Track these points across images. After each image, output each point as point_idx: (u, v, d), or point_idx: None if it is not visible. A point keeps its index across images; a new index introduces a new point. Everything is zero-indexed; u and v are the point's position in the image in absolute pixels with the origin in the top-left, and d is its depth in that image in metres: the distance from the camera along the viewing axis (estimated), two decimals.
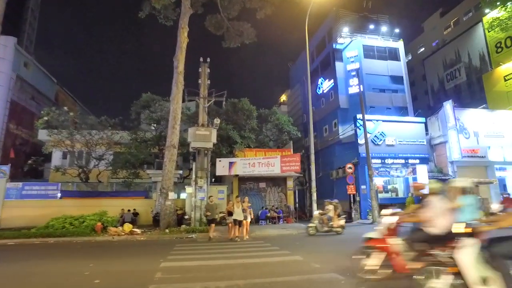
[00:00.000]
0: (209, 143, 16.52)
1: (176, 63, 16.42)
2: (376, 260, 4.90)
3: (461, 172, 23.04)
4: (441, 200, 4.63)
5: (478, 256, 3.31)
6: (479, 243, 3.42)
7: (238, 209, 12.01)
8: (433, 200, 4.65)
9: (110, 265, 7.10)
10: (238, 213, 11.97)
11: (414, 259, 4.51)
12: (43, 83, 31.95)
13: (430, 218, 4.60)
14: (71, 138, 19.04)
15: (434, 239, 4.49)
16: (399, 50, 27.51)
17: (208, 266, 6.79)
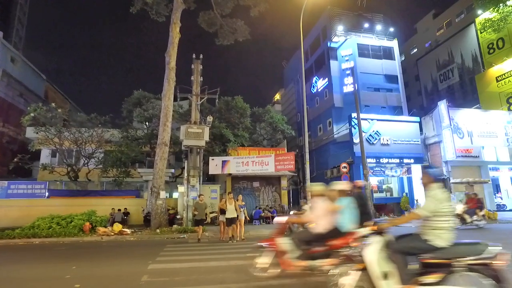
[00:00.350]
0: (202, 141, 16.17)
1: (168, 58, 16.01)
2: (266, 259, 5.24)
3: (455, 171, 23.02)
4: (324, 202, 5.08)
5: (382, 252, 3.47)
6: (382, 240, 3.57)
7: (230, 206, 11.09)
8: (317, 202, 5.12)
9: (95, 268, 6.70)
10: (231, 211, 11.01)
11: (300, 258, 4.86)
12: (32, 80, 31.16)
13: (313, 218, 5.06)
14: (59, 135, 18.44)
15: (317, 238, 4.89)
16: (393, 49, 27.44)
17: (199, 268, 6.45)
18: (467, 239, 3.47)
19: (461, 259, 3.13)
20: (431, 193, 3.43)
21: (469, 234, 11.31)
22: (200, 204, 11.65)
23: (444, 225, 3.30)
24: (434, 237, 3.30)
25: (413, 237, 3.49)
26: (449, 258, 3.18)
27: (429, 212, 3.36)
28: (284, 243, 5.08)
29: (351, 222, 5.08)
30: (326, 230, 4.91)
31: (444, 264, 3.18)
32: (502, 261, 3.05)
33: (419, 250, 3.35)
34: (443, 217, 3.31)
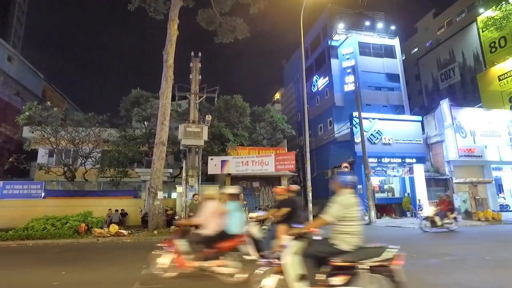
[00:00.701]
0: (200, 140, 15.86)
1: (165, 56, 15.69)
2: (166, 259, 5.43)
3: (458, 171, 22.74)
4: (214, 205, 5.38)
5: (296, 256, 3.58)
6: (298, 244, 3.68)
7: None
8: (208, 205, 5.39)
9: (85, 273, 6.36)
10: None
11: (195, 259, 5.15)
12: (29, 79, 30.85)
13: (202, 221, 5.33)
14: (55, 135, 18.11)
15: (206, 240, 5.17)
16: (395, 47, 27.12)
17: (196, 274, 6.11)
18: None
19: (364, 262, 3.29)
20: (337, 199, 3.56)
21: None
22: (195, 205, 10.68)
23: (349, 229, 3.45)
24: (340, 241, 3.44)
25: (322, 242, 3.63)
26: (354, 261, 3.31)
27: (334, 217, 3.48)
28: (181, 245, 5.35)
29: (238, 225, 5.45)
30: (214, 233, 5.22)
31: (350, 267, 3.32)
32: (398, 262, 3.28)
33: (327, 253, 3.46)
34: (349, 222, 3.45)
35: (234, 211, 5.51)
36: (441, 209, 13.16)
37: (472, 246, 8.74)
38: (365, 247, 3.45)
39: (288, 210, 6.01)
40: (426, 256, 7.09)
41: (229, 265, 5.13)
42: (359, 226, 3.51)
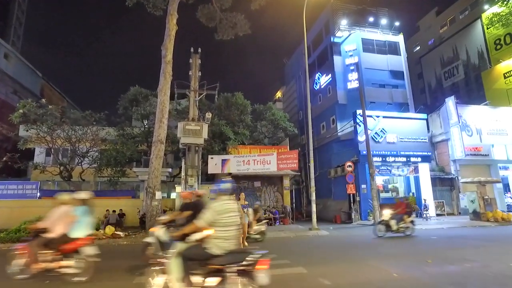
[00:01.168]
0: (200, 138, 15.37)
1: (164, 52, 15.16)
2: (20, 261, 5.63)
3: (464, 171, 22.23)
4: (63, 210, 5.75)
5: (179, 258, 3.75)
6: (181, 246, 3.89)
7: None
8: (58, 210, 5.79)
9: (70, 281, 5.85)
10: None
11: (42, 260, 5.51)
12: (27, 77, 30.38)
13: (49, 224, 5.65)
14: (51, 133, 17.59)
15: (50, 242, 5.52)
16: (399, 44, 26.54)
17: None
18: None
19: (232, 265, 3.48)
20: (212, 205, 3.71)
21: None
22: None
23: (222, 234, 3.61)
24: (212, 245, 3.60)
25: (197, 246, 3.79)
26: (224, 264, 3.50)
27: (206, 223, 3.65)
28: (32, 247, 5.62)
29: (83, 229, 5.83)
30: (58, 236, 5.58)
31: (220, 270, 3.52)
32: (261, 266, 3.45)
33: (200, 256, 3.65)
34: (222, 227, 3.61)
35: (82, 215, 5.86)
36: (397, 212, 12.09)
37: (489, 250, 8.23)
38: (234, 252, 3.62)
39: (190, 213, 6.28)
40: (442, 262, 6.57)
41: (72, 266, 5.59)
42: (233, 231, 3.67)
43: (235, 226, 3.73)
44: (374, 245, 10.00)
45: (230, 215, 3.68)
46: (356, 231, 15.22)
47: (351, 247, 9.64)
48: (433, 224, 16.14)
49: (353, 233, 14.59)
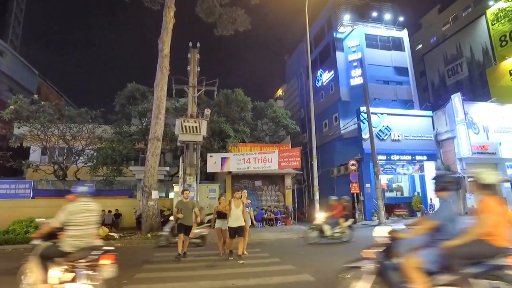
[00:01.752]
0: (199, 136, 14.80)
1: (161, 45, 14.60)
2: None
3: (470, 169, 21.57)
4: None
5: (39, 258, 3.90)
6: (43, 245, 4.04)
7: (237, 209, 7.79)
8: None
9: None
10: (237, 217, 7.73)
11: None
12: (23, 75, 29.79)
13: None
14: (44, 131, 16.98)
15: None
16: (403, 39, 25.91)
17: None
18: None
19: (81, 261, 3.74)
20: (66, 206, 3.96)
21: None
22: (185, 204, 8.22)
23: (74, 233, 3.84)
24: (64, 243, 3.82)
25: (53, 245, 3.96)
26: (74, 260, 3.74)
27: (59, 222, 3.89)
28: None
29: None
30: None
31: (73, 265, 3.74)
32: (105, 260, 3.74)
33: (53, 254, 3.84)
34: (73, 227, 3.85)
35: None
36: (333, 216, 10.86)
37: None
38: (85, 248, 3.82)
39: None
40: None
41: None
42: (86, 230, 3.89)
43: (90, 226, 3.96)
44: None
45: (85, 215, 3.93)
46: (361, 231, 14.58)
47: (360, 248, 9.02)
48: None
49: (358, 233, 13.94)
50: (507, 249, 2.98)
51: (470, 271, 2.98)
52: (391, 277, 3.23)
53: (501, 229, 3.02)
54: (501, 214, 3.07)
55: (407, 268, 3.16)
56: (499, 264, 2.97)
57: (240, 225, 7.68)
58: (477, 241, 3.01)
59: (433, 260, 3.13)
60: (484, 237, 3.02)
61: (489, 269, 3.01)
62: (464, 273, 2.98)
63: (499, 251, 2.98)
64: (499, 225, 3.02)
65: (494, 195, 3.17)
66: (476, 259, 3.03)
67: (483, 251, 3.03)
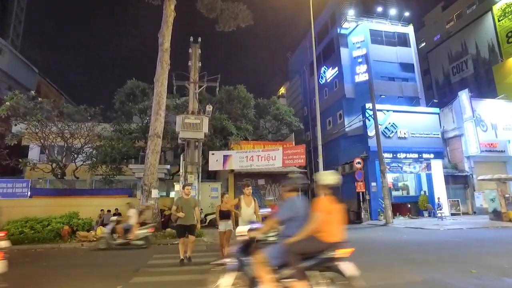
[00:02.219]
0: (200, 133, 14.33)
1: (161, 39, 14.13)
2: None
3: (478, 168, 21.05)
4: None
5: None
6: None
7: (249, 208, 6.37)
8: None
9: None
10: (248, 218, 6.22)
11: None
12: (22, 73, 29.46)
13: None
14: (41, 128, 16.54)
15: None
16: (408, 35, 25.38)
17: None
18: None
19: None
20: None
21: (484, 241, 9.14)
22: (186, 201, 7.03)
23: None
24: None
25: None
26: None
27: None
28: None
29: None
30: None
31: None
32: None
33: None
34: None
35: None
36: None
37: None
38: None
39: None
40: (489, 272, 5.46)
41: None
42: None
43: None
44: (400, 248, 8.92)
45: None
46: (368, 232, 14.13)
47: (374, 251, 8.53)
48: (449, 225, 15.00)
49: (365, 234, 13.49)
50: (335, 244, 3.29)
51: (305, 264, 3.26)
52: (249, 272, 3.41)
53: (329, 226, 3.28)
54: (332, 212, 3.33)
55: (256, 264, 3.35)
56: (328, 257, 3.27)
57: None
58: (310, 237, 3.25)
59: (276, 256, 3.34)
60: (315, 233, 3.26)
61: (321, 262, 3.30)
62: (299, 267, 3.23)
63: (328, 246, 3.26)
64: (328, 222, 3.27)
65: (331, 195, 3.45)
66: (310, 254, 3.29)
67: (314, 246, 3.28)
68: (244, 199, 6.43)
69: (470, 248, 8.31)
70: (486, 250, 7.77)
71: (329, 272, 3.35)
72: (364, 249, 8.73)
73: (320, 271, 3.34)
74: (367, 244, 10.03)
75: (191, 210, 7.02)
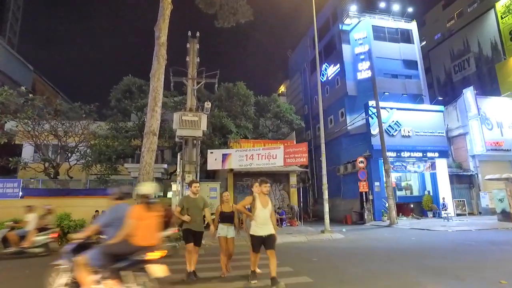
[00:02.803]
0: (198, 130, 13.74)
1: (157, 33, 13.48)
2: None
3: (483, 167, 20.56)
4: None
5: None
6: None
7: (265, 209, 5.14)
8: None
9: None
10: (264, 221, 5.10)
11: None
12: (17, 70, 28.76)
13: None
14: (32, 125, 15.88)
15: None
16: (412, 31, 24.85)
17: None
18: None
19: None
20: None
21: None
22: (193, 202, 5.71)
23: None
24: None
25: None
26: None
27: None
28: None
29: None
30: None
31: None
32: None
33: None
34: None
35: None
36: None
37: None
38: None
39: None
40: None
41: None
42: None
43: None
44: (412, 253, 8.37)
45: None
46: (374, 233, 13.61)
47: (384, 256, 7.98)
48: (456, 226, 14.50)
49: (371, 235, 12.96)
50: (146, 247, 3.58)
51: (118, 265, 3.53)
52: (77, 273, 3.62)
53: (141, 231, 3.58)
54: (144, 219, 3.64)
55: (77, 265, 3.60)
56: (139, 259, 3.55)
57: (270, 233, 5.05)
58: (123, 241, 3.54)
59: (95, 258, 3.58)
60: (127, 237, 3.55)
61: (132, 263, 3.58)
62: (112, 268, 3.50)
63: (139, 249, 3.55)
64: (139, 228, 3.58)
65: (146, 203, 3.76)
66: (122, 256, 3.55)
67: (126, 249, 3.55)
68: (260, 198, 5.22)
69: (488, 253, 7.77)
70: (508, 256, 7.23)
71: (141, 273, 3.58)
72: (373, 254, 8.19)
73: (134, 271, 3.60)
74: (375, 247, 9.50)
75: (200, 213, 5.73)
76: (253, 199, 5.29)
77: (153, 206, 3.76)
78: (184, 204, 5.71)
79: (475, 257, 7.27)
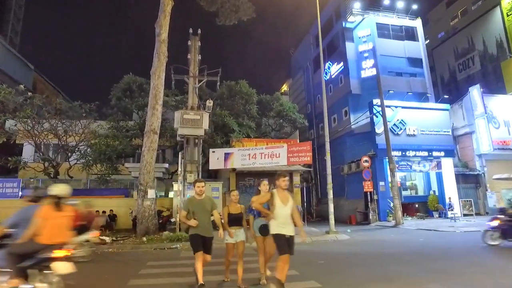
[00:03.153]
0: (200, 129, 13.47)
1: (158, 30, 13.28)
2: None
3: (490, 166, 20.18)
4: None
5: None
6: None
7: (286, 207, 4.43)
8: None
9: None
10: (285, 220, 4.44)
11: None
12: (17, 69, 28.68)
13: None
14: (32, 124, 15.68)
15: None
16: (416, 29, 24.50)
17: None
18: None
19: None
20: None
21: None
22: (199, 203, 4.98)
23: None
24: None
25: None
26: None
27: None
28: None
29: None
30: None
31: None
32: None
33: None
34: None
35: None
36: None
37: None
38: None
39: None
40: None
41: None
42: None
43: None
44: (422, 255, 8.06)
45: None
46: (380, 234, 13.29)
47: (392, 258, 7.68)
48: (464, 226, 14.14)
49: (377, 236, 12.65)
50: (52, 245, 3.67)
51: (24, 264, 3.62)
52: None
53: (47, 230, 3.67)
54: (50, 218, 3.72)
55: None
56: (45, 257, 3.64)
57: (291, 234, 4.42)
58: (29, 240, 3.63)
59: (3, 258, 3.67)
60: (33, 237, 3.65)
61: (38, 261, 3.66)
62: (18, 267, 3.60)
63: (44, 247, 3.64)
64: (45, 227, 3.66)
65: (54, 203, 3.82)
66: (28, 254, 3.64)
67: (31, 247, 3.64)
68: (278, 193, 4.46)
69: (503, 257, 7.44)
70: None
71: (48, 271, 3.67)
72: (382, 256, 7.88)
73: (40, 270, 3.69)
74: (383, 249, 9.19)
75: (208, 216, 5.01)
76: (271, 196, 4.51)
77: (63, 206, 3.85)
78: (190, 207, 4.93)
79: (491, 261, 6.95)
